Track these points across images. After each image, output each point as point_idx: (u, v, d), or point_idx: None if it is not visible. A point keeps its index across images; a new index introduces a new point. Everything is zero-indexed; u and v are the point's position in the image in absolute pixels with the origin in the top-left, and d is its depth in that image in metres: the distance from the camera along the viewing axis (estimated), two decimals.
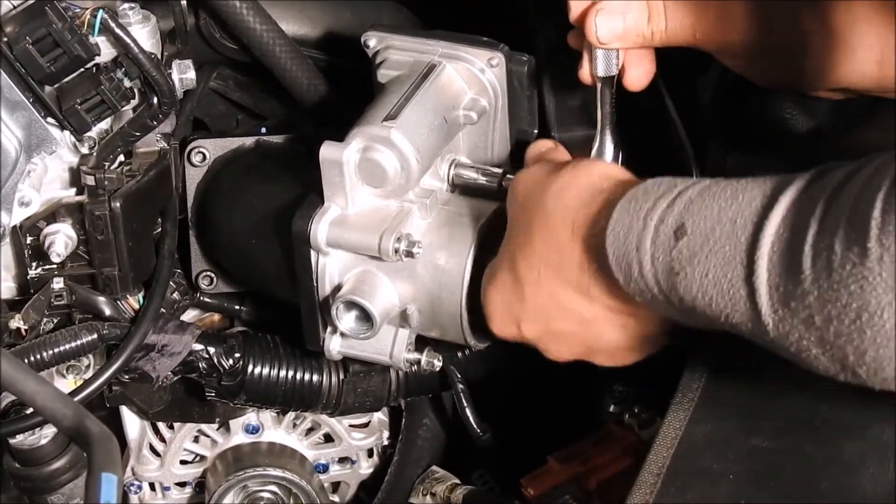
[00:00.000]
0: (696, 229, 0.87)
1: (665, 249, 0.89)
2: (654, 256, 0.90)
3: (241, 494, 1.55)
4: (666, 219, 0.90)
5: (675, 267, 0.88)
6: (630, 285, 0.93)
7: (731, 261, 0.83)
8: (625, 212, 0.93)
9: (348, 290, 1.16)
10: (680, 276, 0.88)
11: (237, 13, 1.32)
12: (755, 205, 0.84)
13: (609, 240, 0.94)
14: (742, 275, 0.82)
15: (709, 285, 0.85)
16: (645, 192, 0.94)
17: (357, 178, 1.14)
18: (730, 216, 0.85)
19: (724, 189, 0.87)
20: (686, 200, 0.89)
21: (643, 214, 0.92)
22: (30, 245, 1.25)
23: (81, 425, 0.90)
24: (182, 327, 1.34)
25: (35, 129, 1.21)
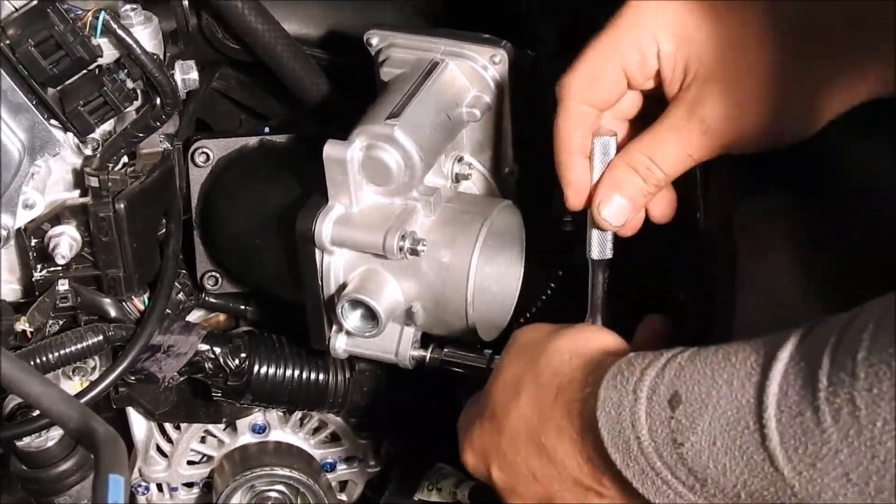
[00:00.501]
0: (691, 395, 0.84)
1: (662, 421, 0.85)
2: (652, 430, 0.86)
3: (248, 494, 1.55)
4: (657, 388, 0.87)
5: (677, 438, 0.85)
6: (629, 466, 0.89)
7: (736, 425, 0.81)
8: (612, 388, 0.90)
9: (353, 288, 1.16)
10: (685, 447, 0.84)
11: (239, 13, 1.32)
12: (749, 363, 0.81)
13: (601, 420, 0.90)
14: (754, 440, 0.79)
15: (719, 453, 0.82)
16: (629, 363, 0.91)
17: (361, 176, 1.14)
18: (725, 378, 0.82)
19: (715, 353, 0.85)
20: (676, 367, 0.87)
21: (632, 387, 0.88)
22: (34, 247, 1.25)
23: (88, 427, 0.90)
24: (188, 328, 1.34)
25: (38, 131, 1.21)
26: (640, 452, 0.87)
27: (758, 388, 0.79)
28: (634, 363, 0.90)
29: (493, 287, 1.23)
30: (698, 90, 1.01)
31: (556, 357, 1.00)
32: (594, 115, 1.06)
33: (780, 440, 0.78)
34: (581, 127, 1.06)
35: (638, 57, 1.03)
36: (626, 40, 1.03)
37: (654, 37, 1.02)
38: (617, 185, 1.05)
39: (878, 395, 0.72)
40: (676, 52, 1.02)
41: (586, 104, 1.05)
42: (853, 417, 0.73)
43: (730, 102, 1.00)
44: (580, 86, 1.05)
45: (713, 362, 0.84)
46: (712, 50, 1.00)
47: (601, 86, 1.05)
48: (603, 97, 1.06)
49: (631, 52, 1.03)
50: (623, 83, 1.05)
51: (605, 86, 1.05)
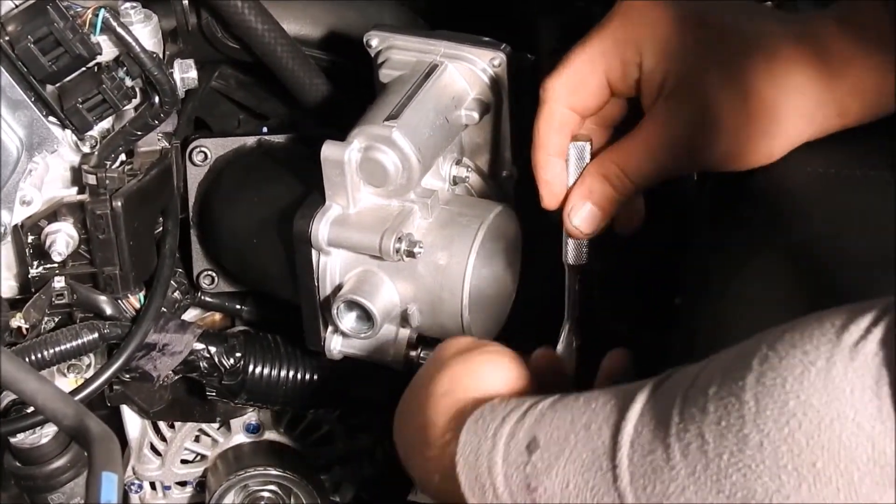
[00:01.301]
0: (550, 440, 0.82)
1: (518, 466, 0.84)
2: (508, 475, 0.84)
3: (241, 494, 1.55)
4: (516, 434, 0.85)
5: (531, 483, 0.83)
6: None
7: (590, 467, 0.79)
8: (472, 433, 0.88)
9: (349, 289, 1.16)
10: (539, 492, 0.82)
11: (239, 12, 1.32)
12: (609, 407, 0.80)
13: (460, 465, 0.88)
14: (606, 481, 0.78)
15: (570, 496, 0.80)
16: (492, 409, 0.89)
17: (358, 177, 1.14)
18: (584, 422, 0.81)
19: (576, 399, 0.84)
20: (537, 414, 0.85)
21: (491, 433, 0.87)
22: (31, 244, 1.25)
23: (82, 424, 0.90)
24: (183, 326, 1.34)
25: (37, 128, 1.21)
26: (494, 498, 0.86)
27: (614, 429, 0.79)
28: (497, 409, 0.89)
29: (489, 290, 1.23)
30: (670, 106, 1.03)
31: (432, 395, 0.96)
32: (575, 119, 1.08)
33: (630, 479, 0.77)
34: (561, 131, 1.07)
35: (621, 67, 1.04)
36: (612, 50, 1.04)
37: (638, 49, 1.03)
38: (588, 194, 1.07)
39: (726, 428, 0.72)
40: (656, 66, 1.03)
41: (568, 108, 1.07)
42: (701, 452, 0.73)
43: (698, 121, 1.02)
44: (563, 90, 1.06)
45: (574, 408, 0.83)
46: (688, 67, 1.02)
47: (584, 93, 1.06)
48: (585, 104, 1.07)
49: (615, 62, 1.04)
50: (606, 91, 1.06)
51: (588, 93, 1.06)
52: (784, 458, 0.70)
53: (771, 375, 0.71)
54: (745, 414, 0.71)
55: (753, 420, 0.71)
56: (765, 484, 0.71)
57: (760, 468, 0.71)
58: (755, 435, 0.71)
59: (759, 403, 0.71)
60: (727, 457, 0.72)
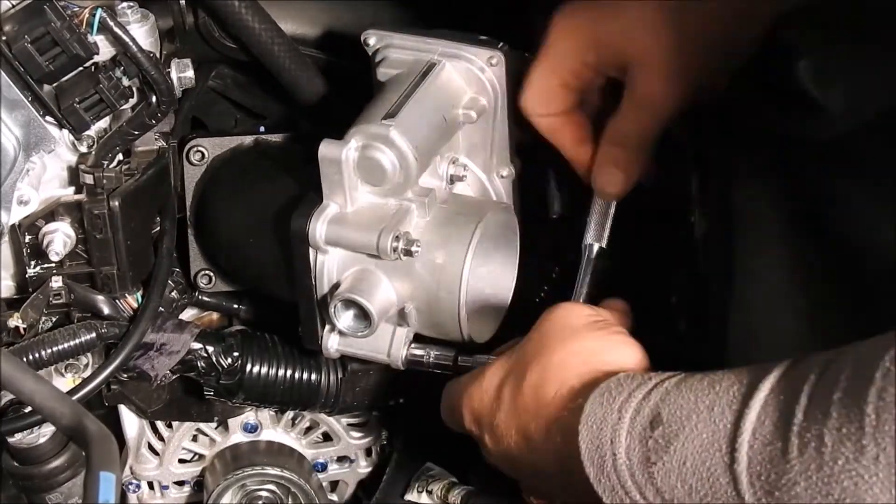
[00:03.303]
0: (672, 417, 0.87)
1: (641, 440, 0.88)
2: (630, 448, 0.89)
3: (239, 493, 1.55)
4: (642, 410, 0.90)
5: (651, 457, 0.87)
6: (601, 482, 0.91)
7: (709, 448, 0.83)
8: (598, 404, 0.93)
9: (346, 288, 1.16)
10: (657, 466, 0.87)
11: (236, 12, 1.32)
12: (732, 392, 0.84)
13: (582, 433, 0.93)
14: (723, 463, 0.82)
15: (687, 473, 0.84)
16: (619, 383, 0.94)
17: (356, 176, 1.14)
18: (707, 404, 0.85)
19: (701, 380, 0.87)
20: (662, 392, 0.89)
21: (617, 406, 0.91)
22: (28, 244, 1.25)
23: (80, 424, 0.90)
24: (181, 326, 1.34)
25: (34, 127, 1.21)
26: (613, 470, 0.90)
27: (736, 415, 0.82)
28: (624, 383, 0.93)
29: (486, 289, 1.23)
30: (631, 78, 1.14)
31: (568, 360, 1.02)
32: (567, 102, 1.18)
33: (747, 465, 0.80)
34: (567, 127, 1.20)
35: (572, 71, 1.17)
36: (558, 62, 1.17)
37: (578, 55, 1.15)
38: (609, 160, 1.17)
39: (846, 436, 0.74)
40: (599, 59, 1.15)
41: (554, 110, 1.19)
42: (818, 453, 0.75)
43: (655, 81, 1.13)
44: (538, 104, 1.19)
45: (698, 388, 0.87)
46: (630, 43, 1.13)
47: (556, 99, 1.18)
48: (563, 106, 1.19)
49: (565, 71, 1.17)
50: (574, 90, 1.18)
51: (559, 98, 1.18)
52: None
53: (891, 391, 0.73)
54: (866, 426, 0.74)
55: (872, 433, 0.73)
56: (875, 495, 0.73)
57: (873, 479, 0.73)
58: (872, 447, 0.73)
59: (880, 418, 0.73)
60: (842, 462, 0.74)
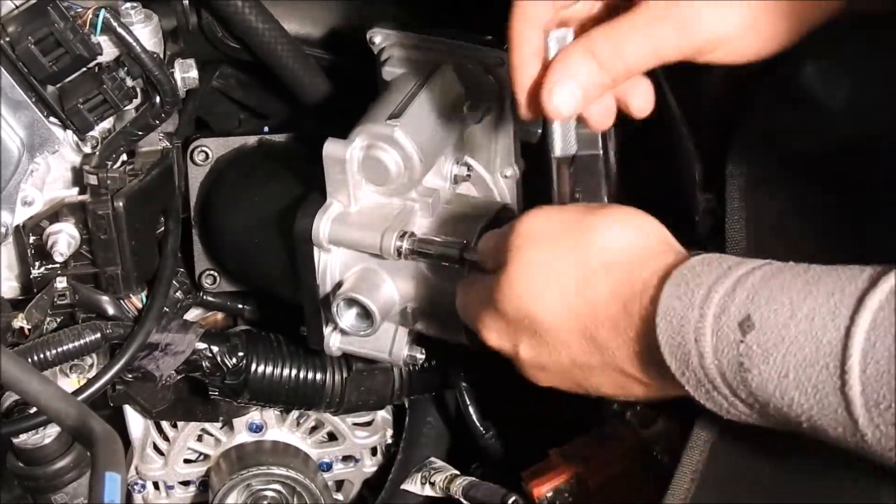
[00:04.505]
0: (766, 323, 0.81)
1: (731, 343, 0.83)
2: (718, 349, 0.84)
3: (244, 493, 1.55)
4: (727, 309, 0.84)
5: (744, 363, 0.82)
6: (685, 374, 0.87)
7: (814, 364, 0.78)
8: (675, 297, 0.87)
9: (349, 287, 1.16)
10: (753, 373, 0.82)
11: (239, 12, 1.32)
12: (833, 301, 0.78)
13: (661, 326, 0.87)
14: (832, 383, 0.77)
15: (789, 386, 0.80)
16: (695, 273, 0.87)
17: (360, 175, 1.14)
18: (805, 312, 0.79)
19: (794, 278, 0.82)
20: (748, 289, 0.83)
21: (698, 302, 0.85)
22: (33, 244, 1.25)
23: (85, 424, 0.90)
24: (185, 326, 1.34)
25: (38, 128, 1.21)
26: (700, 366, 0.85)
27: (844, 332, 0.77)
28: (701, 274, 0.87)
29: None
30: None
31: (605, 242, 0.94)
32: (549, 12, 0.99)
33: (861, 390, 0.76)
34: (535, 24, 0.98)
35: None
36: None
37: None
38: (569, 71, 0.96)
39: None
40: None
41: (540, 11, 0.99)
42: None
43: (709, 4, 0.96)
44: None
45: (792, 289, 0.81)
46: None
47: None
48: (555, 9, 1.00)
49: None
50: None
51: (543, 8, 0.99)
52: None
53: None
54: None
55: None
56: None
57: None
58: None
59: None
60: None
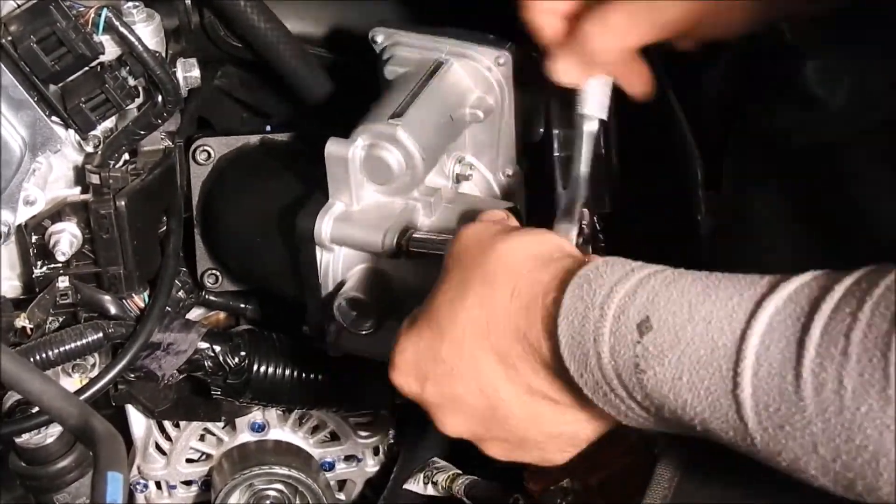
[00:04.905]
0: (664, 325, 0.81)
1: (628, 344, 0.83)
2: (615, 349, 0.83)
3: (247, 493, 1.55)
4: (627, 310, 0.83)
5: (640, 364, 0.82)
6: (583, 376, 0.86)
7: (707, 366, 0.78)
8: (577, 297, 0.86)
9: (351, 286, 1.16)
10: (647, 374, 0.82)
11: (241, 11, 1.32)
12: (732, 305, 0.79)
13: (561, 326, 0.86)
14: (723, 386, 0.77)
15: (682, 388, 0.80)
16: (598, 274, 0.87)
17: (362, 175, 1.14)
18: (703, 315, 0.79)
19: (694, 283, 0.82)
20: (649, 291, 0.83)
21: (599, 301, 0.85)
22: (35, 244, 1.25)
23: (87, 424, 0.90)
24: (187, 326, 1.34)
25: (40, 127, 1.21)
26: (598, 367, 0.85)
27: (739, 335, 0.77)
28: (604, 275, 0.86)
29: None
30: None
31: (509, 256, 0.93)
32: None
33: (752, 392, 0.76)
34: None
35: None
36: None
37: None
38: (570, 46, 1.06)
39: (869, 383, 0.71)
40: None
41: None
42: (837, 395, 0.72)
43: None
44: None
45: (692, 293, 0.81)
46: None
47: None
48: None
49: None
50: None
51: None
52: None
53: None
54: (891, 375, 0.70)
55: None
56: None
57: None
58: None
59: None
60: (865, 410, 0.71)
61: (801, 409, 0.74)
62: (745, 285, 0.80)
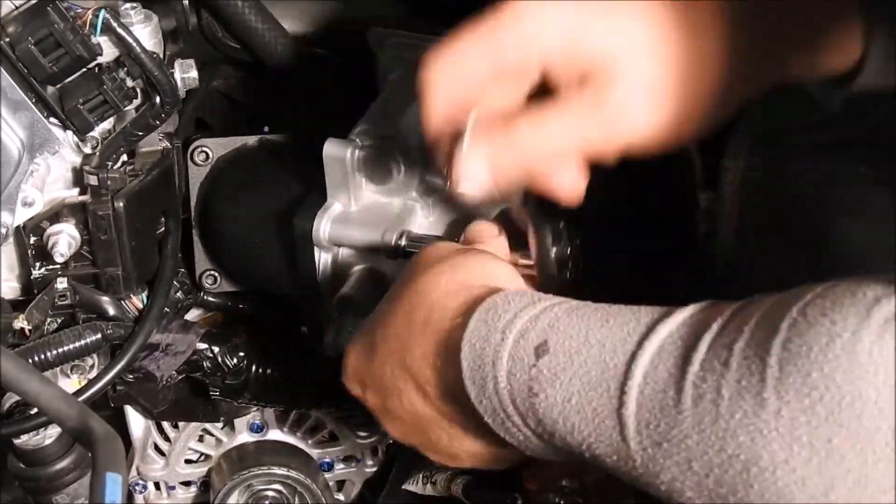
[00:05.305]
0: (560, 348, 0.81)
1: (524, 367, 0.82)
2: (511, 373, 0.83)
3: (245, 493, 1.55)
4: (527, 334, 0.83)
5: (534, 387, 0.82)
6: (482, 402, 0.86)
7: (597, 387, 0.78)
8: (482, 322, 0.86)
9: (349, 287, 1.16)
10: (540, 398, 0.81)
11: (239, 12, 1.33)
12: (627, 330, 0.79)
13: (464, 350, 0.86)
14: (610, 405, 0.77)
15: (571, 411, 0.79)
16: (505, 302, 0.86)
17: (360, 175, 1.14)
18: (598, 338, 0.79)
19: (595, 311, 0.82)
20: (552, 317, 0.83)
21: (501, 326, 0.84)
22: (33, 245, 1.25)
23: (86, 425, 0.90)
24: (186, 326, 1.34)
25: (38, 129, 1.21)
26: (495, 392, 0.84)
27: (629, 356, 0.77)
28: (511, 302, 0.86)
29: None
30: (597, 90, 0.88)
31: (434, 279, 0.93)
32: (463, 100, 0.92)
33: (636, 410, 0.76)
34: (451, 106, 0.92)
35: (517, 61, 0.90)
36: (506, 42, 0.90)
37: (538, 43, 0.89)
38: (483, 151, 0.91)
39: (746, 388, 0.70)
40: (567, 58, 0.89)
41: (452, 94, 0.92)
42: (714, 405, 0.71)
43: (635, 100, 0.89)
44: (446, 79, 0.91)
45: (591, 320, 0.81)
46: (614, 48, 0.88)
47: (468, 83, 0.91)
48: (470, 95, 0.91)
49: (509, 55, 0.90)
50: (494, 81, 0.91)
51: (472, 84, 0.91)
52: (800, 430, 0.68)
53: (797, 342, 0.69)
54: (767, 378, 0.69)
55: (774, 386, 0.69)
56: (773, 451, 0.69)
57: (772, 435, 0.69)
58: (774, 401, 0.69)
59: (783, 370, 0.69)
60: (739, 416, 0.70)
61: (679, 422, 0.73)
62: (644, 313, 0.80)
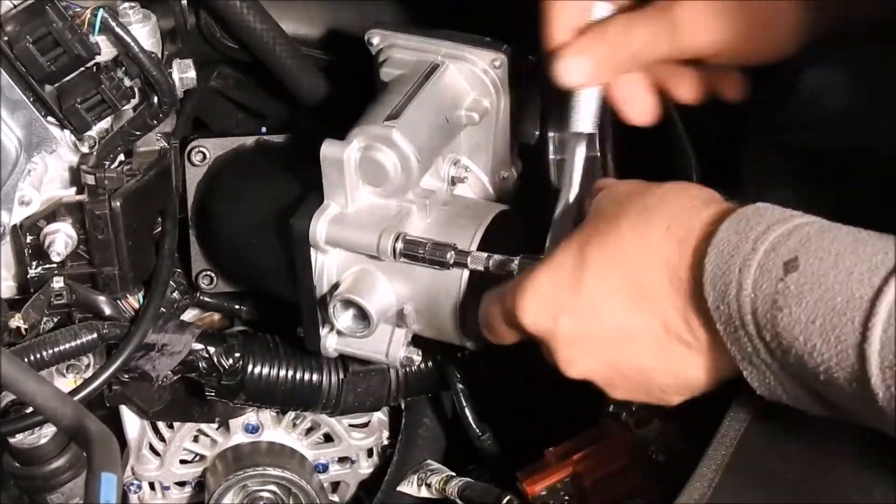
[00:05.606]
0: (809, 267, 0.82)
1: (771, 280, 0.83)
2: (757, 283, 0.84)
3: (240, 494, 1.55)
4: (778, 248, 0.84)
5: (778, 301, 0.83)
6: (718, 308, 0.87)
7: (841, 315, 0.79)
8: (733, 231, 0.87)
9: (346, 288, 1.16)
10: (784, 312, 0.82)
11: (237, 12, 1.33)
12: (876, 260, 0.79)
13: (710, 255, 0.87)
14: (854, 337, 0.78)
15: (814, 332, 0.80)
16: (758, 213, 0.88)
17: (357, 176, 1.14)
18: (847, 265, 0.80)
19: (846, 235, 0.83)
20: (803, 235, 0.84)
21: (753, 236, 0.86)
22: (30, 244, 1.25)
23: (81, 424, 0.90)
24: (182, 327, 1.34)
25: (35, 128, 1.22)
26: (735, 299, 0.85)
27: (876, 290, 0.78)
28: (763, 214, 0.88)
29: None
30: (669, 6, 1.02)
31: (671, 194, 0.96)
32: None
33: (879, 349, 0.76)
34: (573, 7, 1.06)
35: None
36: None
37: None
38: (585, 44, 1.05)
39: None
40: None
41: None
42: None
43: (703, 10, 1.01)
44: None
45: (842, 244, 0.82)
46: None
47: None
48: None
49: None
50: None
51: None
52: None
53: None
54: None
55: None
56: None
57: None
58: None
59: None
60: None
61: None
62: (893, 245, 0.80)
